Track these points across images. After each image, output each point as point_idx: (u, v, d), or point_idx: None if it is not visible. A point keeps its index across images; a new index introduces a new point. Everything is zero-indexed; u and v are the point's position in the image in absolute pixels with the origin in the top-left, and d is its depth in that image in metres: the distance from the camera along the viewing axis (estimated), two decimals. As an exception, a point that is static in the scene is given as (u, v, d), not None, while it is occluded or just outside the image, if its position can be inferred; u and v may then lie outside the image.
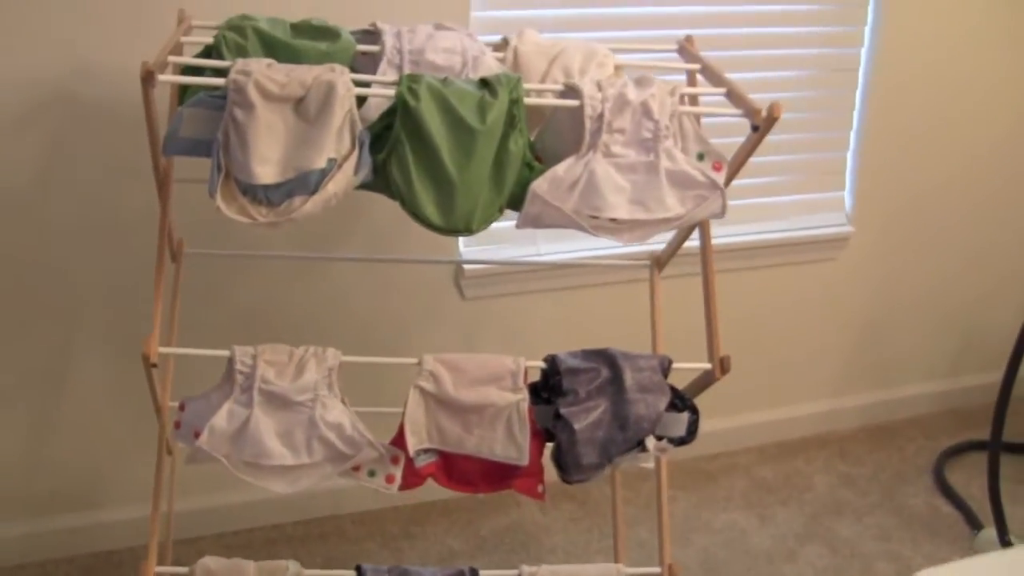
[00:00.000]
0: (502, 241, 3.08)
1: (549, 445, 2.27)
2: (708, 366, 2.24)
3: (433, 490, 2.90)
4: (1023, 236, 3.80)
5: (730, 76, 2.21)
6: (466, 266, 3.07)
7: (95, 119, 2.64)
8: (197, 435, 2.15)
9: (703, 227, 2.38)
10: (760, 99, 2.10)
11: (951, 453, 3.65)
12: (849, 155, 3.50)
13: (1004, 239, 3.78)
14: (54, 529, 3.12)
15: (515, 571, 2.35)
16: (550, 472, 2.24)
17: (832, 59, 3.33)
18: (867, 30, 3.33)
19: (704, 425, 3.29)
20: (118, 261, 2.80)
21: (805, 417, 3.78)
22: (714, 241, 2.88)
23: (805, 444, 3.74)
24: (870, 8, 3.29)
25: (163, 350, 2.16)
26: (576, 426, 2.15)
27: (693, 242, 2.45)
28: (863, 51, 3.37)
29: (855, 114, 3.44)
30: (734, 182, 2.23)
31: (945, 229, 3.69)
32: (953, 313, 3.86)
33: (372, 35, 2.29)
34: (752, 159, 2.20)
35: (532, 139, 2.17)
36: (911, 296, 3.76)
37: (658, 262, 2.66)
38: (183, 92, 2.16)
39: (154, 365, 2.13)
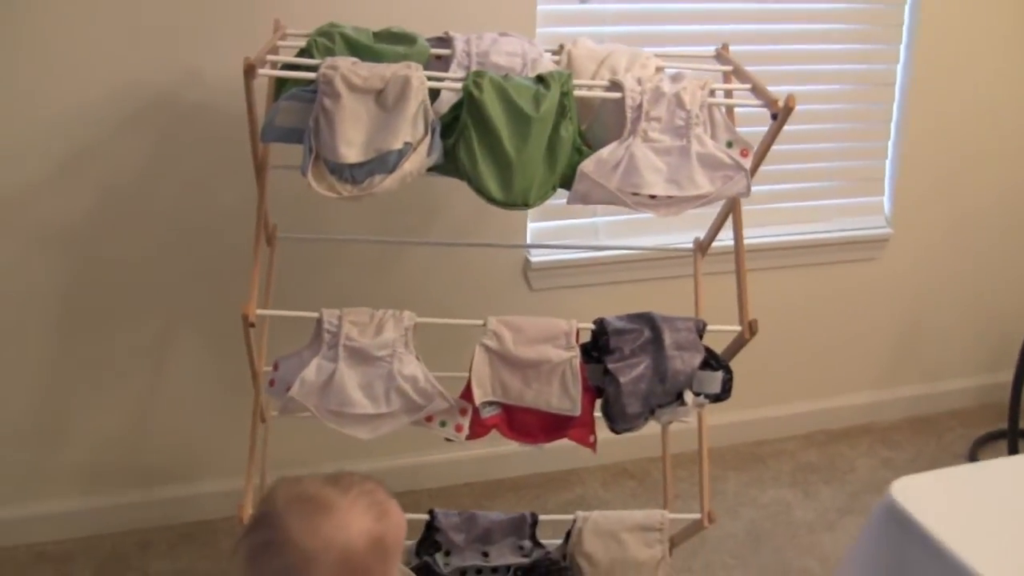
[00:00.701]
0: (567, 237, 3.38)
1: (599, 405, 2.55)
2: (738, 328, 2.51)
3: (503, 468, 3.20)
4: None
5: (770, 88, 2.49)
6: (533, 259, 3.36)
7: (196, 119, 2.96)
8: (289, 390, 2.45)
9: (735, 213, 2.66)
10: (802, 111, 2.39)
11: (984, 440, 3.88)
12: (887, 163, 3.76)
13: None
14: (156, 499, 3.42)
15: (571, 516, 2.63)
16: (611, 453, 2.49)
17: (870, 74, 3.62)
18: (902, 48, 3.61)
19: (754, 413, 3.59)
20: (215, 249, 3.10)
21: (850, 408, 4.02)
22: (761, 240, 3.19)
23: (849, 432, 3.99)
24: (904, 26, 3.57)
25: (260, 312, 2.47)
26: (622, 380, 2.44)
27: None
28: (899, 67, 3.64)
29: (892, 126, 3.72)
30: (782, 186, 2.48)
31: (982, 231, 3.94)
32: (992, 311, 4.08)
33: (445, 42, 2.61)
34: (797, 165, 2.47)
35: (583, 129, 2.47)
36: (951, 295, 3.99)
37: (701, 247, 2.94)
38: (279, 89, 2.48)
39: (252, 325, 2.44)
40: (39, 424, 3.24)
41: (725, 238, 2.84)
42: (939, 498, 1.86)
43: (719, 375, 2.49)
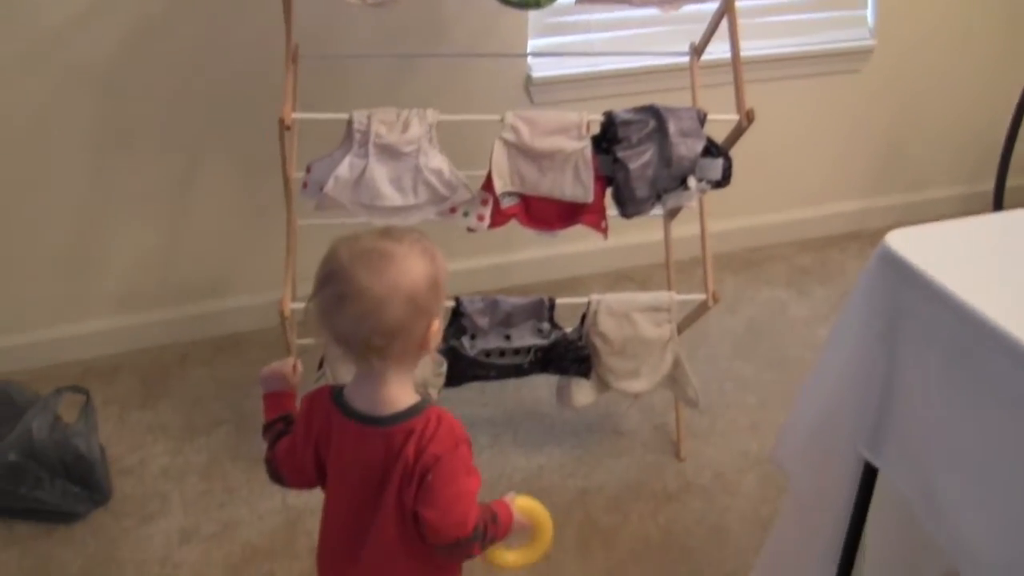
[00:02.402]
0: (567, 53, 3.56)
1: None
2: (736, 117, 2.71)
3: (514, 276, 3.40)
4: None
5: None
6: (534, 75, 3.55)
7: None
8: (322, 189, 2.66)
9: (729, 9, 2.83)
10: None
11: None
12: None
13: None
14: (192, 315, 3.65)
15: (585, 299, 2.85)
16: (613, 261, 2.68)
17: None
18: None
19: (749, 221, 3.81)
20: (238, 76, 3.28)
21: (840, 215, 4.24)
22: (749, 53, 3.33)
23: (840, 238, 4.21)
24: None
25: (295, 115, 2.66)
26: (631, 166, 2.64)
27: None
28: None
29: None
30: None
31: (964, 42, 4.09)
32: (975, 122, 4.25)
33: None
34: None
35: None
36: (934, 106, 4.16)
37: (696, 50, 3.12)
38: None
39: (288, 128, 2.63)
40: (79, 251, 3.47)
41: (715, 51, 3.01)
42: (934, 245, 1.94)
43: (719, 162, 2.69)
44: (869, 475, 2.12)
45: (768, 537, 2.48)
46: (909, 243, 1.94)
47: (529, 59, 3.55)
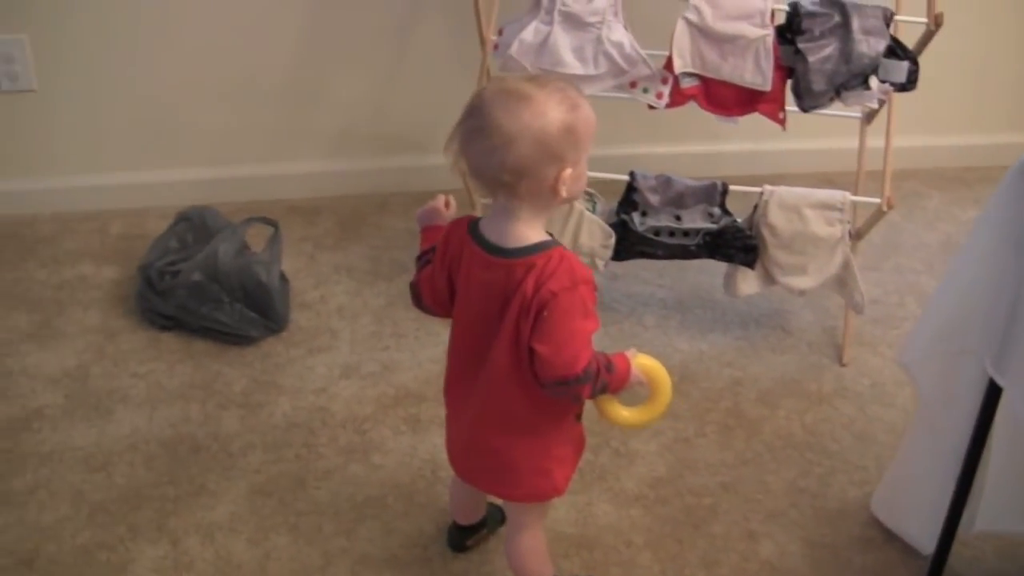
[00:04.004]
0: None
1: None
2: (924, 20, 2.65)
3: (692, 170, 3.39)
4: None
5: None
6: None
7: None
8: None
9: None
10: None
11: None
12: None
13: None
14: (393, 167, 3.77)
15: (760, 189, 2.85)
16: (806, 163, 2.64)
17: None
18: None
19: (961, 139, 3.70)
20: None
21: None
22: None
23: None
24: None
25: (488, -25, 2.72)
26: (810, 58, 2.63)
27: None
28: None
29: None
30: None
31: None
32: None
33: None
34: None
35: None
36: None
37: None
38: None
39: (481, -8, 2.70)
40: (296, 89, 3.61)
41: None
42: None
43: (904, 64, 2.65)
44: (994, 392, 2.09)
45: (901, 443, 2.47)
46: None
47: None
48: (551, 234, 1.94)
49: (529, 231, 1.90)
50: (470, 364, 2.02)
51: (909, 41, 2.73)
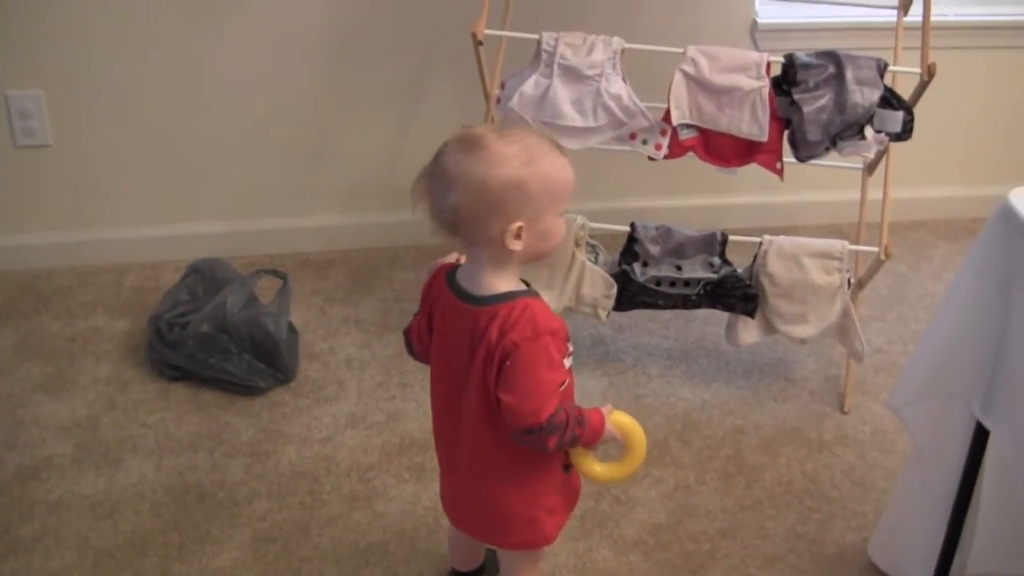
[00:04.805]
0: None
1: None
2: (919, 71, 2.69)
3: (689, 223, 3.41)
4: None
5: None
6: (760, 20, 3.56)
7: None
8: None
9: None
10: None
11: None
12: None
13: None
14: (406, 220, 3.76)
15: (759, 239, 2.88)
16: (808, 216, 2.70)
17: None
18: None
19: (970, 191, 3.72)
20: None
21: None
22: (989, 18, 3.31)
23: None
24: None
25: (488, 32, 2.78)
26: (805, 108, 2.67)
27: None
28: None
29: None
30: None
31: None
32: None
33: None
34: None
35: None
36: None
37: (902, 5, 3.07)
38: None
39: (480, 43, 2.75)
40: (308, 146, 3.67)
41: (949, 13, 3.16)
42: None
43: (899, 114, 2.68)
44: (981, 435, 2.11)
45: (895, 487, 2.49)
46: (1031, 201, 1.90)
47: (756, 3, 3.55)
48: (527, 283, 1.97)
49: (497, 280, 1.93)
50: (450, 412, 2.05)
51: (905, 92, 2.75)
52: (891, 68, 2.71)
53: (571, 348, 1.97)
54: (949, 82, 3.10)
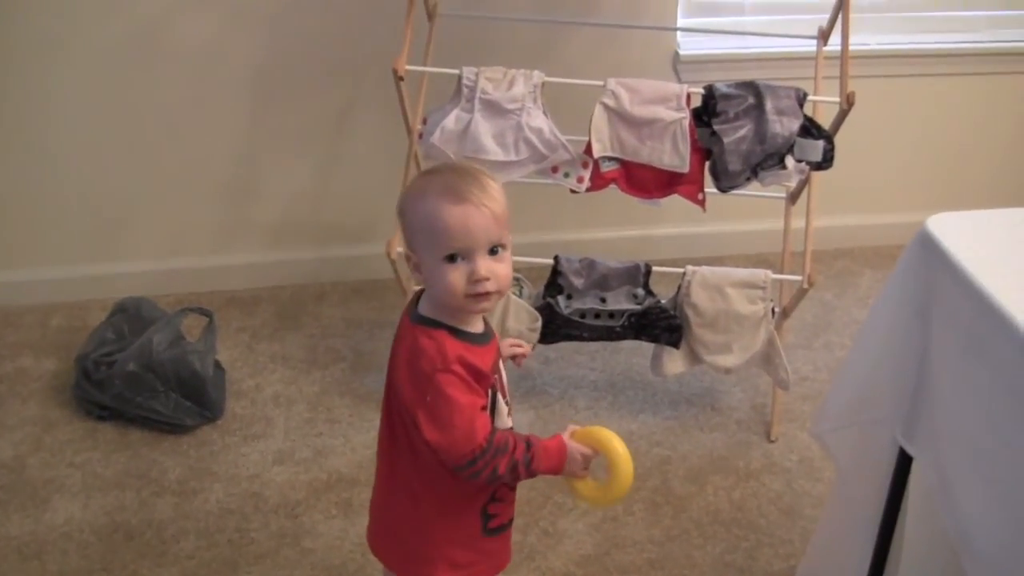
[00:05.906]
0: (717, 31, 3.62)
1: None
2: (838, 99, 2.73)
3: (617, 254, 3.43)
4: None
5: None
6: (682, 52, 3.59)
7: None
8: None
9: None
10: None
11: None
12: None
13: None
14: (332, 257, 3.80)
15: (681, 270, 2.90)
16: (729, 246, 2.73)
17: None
18: None
19: (895, 217, 3.76)
20: (392, 28, 3.38)
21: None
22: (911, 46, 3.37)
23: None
24: None
25: (409, 67, 2.78)
26: (725, 139, 2.69)
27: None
28: None
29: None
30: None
31: None
32: None
33: None
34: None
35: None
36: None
37: (823, 34, 3.13)
38: None
39: (401, 79, 2.76)
40: (234, 184, 3.67)
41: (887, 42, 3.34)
42: (971, 234, 1.93)
43: (820, 144, 2.71)
44: (904, 461, 2.13)
45: (821, 514, 2.51)
46: (947, 227, 1.95)
47: (678, 35, 3.58)
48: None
49: (427, 306, 1.91)
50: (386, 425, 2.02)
51: (826, 121, 2.78)
52: (811, 97, 2.74)
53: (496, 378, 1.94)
54: (872, 110, 3.15)
